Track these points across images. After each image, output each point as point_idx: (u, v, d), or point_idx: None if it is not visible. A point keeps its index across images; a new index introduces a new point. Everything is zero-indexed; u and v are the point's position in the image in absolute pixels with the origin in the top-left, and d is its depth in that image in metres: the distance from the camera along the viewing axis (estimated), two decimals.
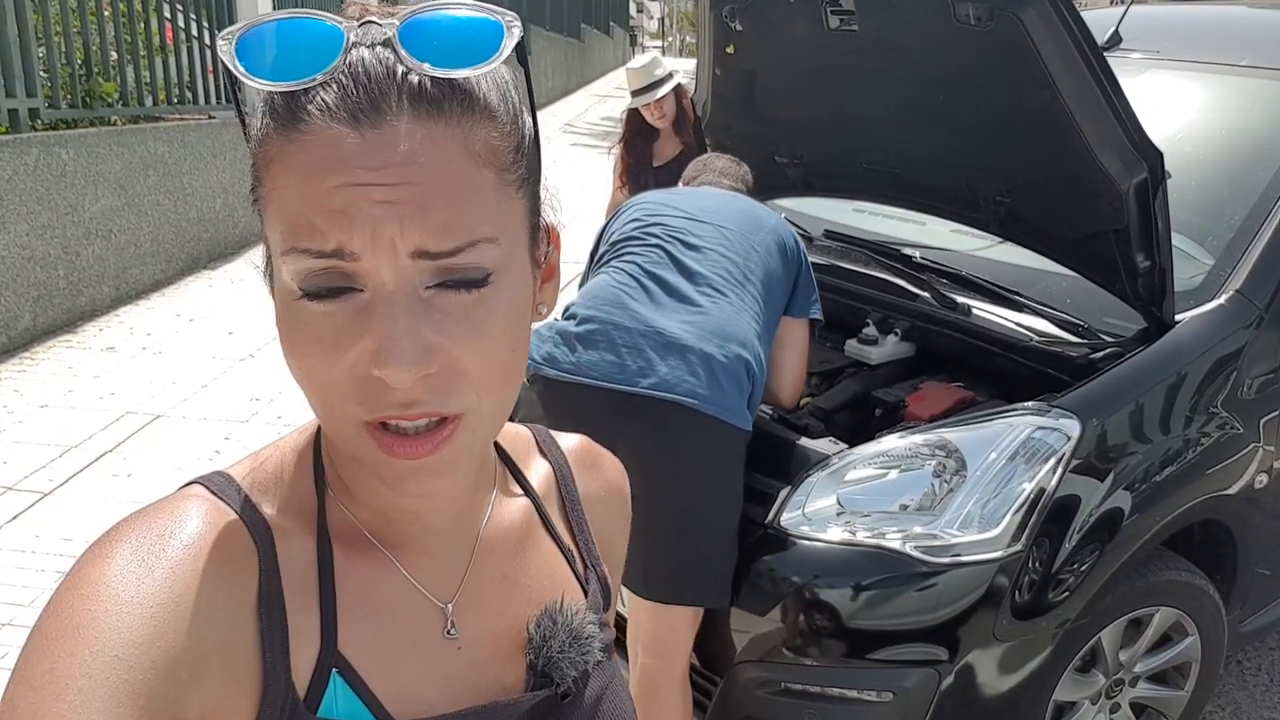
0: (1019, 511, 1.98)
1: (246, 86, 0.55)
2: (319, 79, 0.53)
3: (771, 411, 2.46)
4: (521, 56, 0.57)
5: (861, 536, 2.02)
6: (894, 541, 1.99)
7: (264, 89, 0.54)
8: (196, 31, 6.64)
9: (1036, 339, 2.46)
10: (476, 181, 0.55)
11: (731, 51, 2.96)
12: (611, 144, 4.67)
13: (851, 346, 2.72)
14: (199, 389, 4.54)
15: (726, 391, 2.06)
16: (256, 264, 0.63)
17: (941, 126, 2.61)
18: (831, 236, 3.15)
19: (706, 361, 2.07)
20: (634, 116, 4.33)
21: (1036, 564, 2.00)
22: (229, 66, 0.54)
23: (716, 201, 2.44)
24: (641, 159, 4.33)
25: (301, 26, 0.54)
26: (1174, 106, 2.95)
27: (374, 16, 0.55)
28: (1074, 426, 2.05)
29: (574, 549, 0.76)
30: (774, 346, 2.35)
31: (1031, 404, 2.13)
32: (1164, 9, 3.82)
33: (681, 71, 4.83)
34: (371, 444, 0.56)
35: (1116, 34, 3.14)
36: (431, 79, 0.54)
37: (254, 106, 0.58)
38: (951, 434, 2.12)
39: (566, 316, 2.22)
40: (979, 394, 2.47)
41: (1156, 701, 2.41)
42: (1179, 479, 2.20)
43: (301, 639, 0.60)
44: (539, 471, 0.77)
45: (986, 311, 2.60)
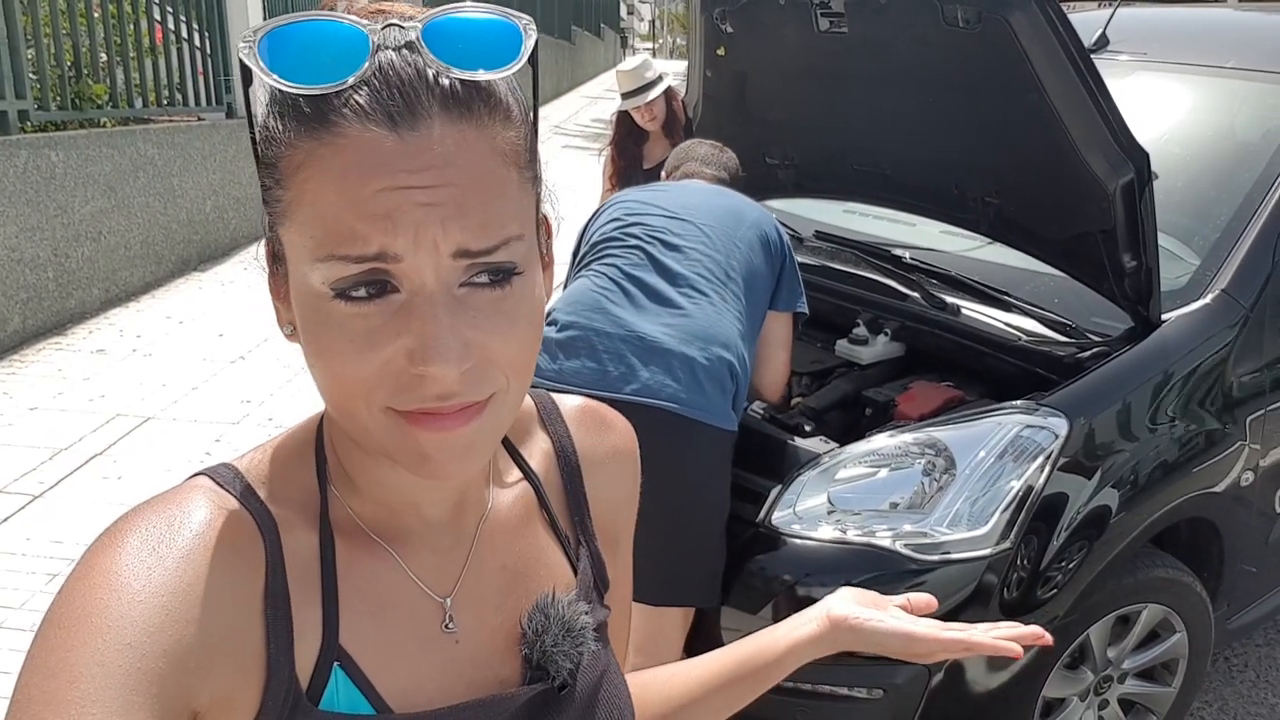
0: (1007, 509, 2.00)
1: (266, 88, 0.55)
2: (350, 81, 0.53)
3: (763, 411, 2.47)
4: (534, 58, 0.59)
5: (852, 535, 2.03)
6: (884, 539, 2.00)
7: (294, 92, 0.53)
8: (186, 33, 6.63)
9: (1025, 338, 2.48)
10: (504, 181, 0.56)
11: (722, 53, 2.97)
12: (602, 146, 4.68)
13: (842, 346, 2.74)
14: (189, 391, 4.53)
15: (709, 394, 2.07)
16: (256, 262, 0.62)
17: (931, 128, 2.62)
18: (822, 237, 3.16)
19: (688, 365, 2.07)
20: (624, 119, 4.34)
21: (1025, 561, 2.01)
22: (254, 69, 0.54)
23: (698, 198, 2.42)
24: (632, 161, 4.33)
25: (326, 29, 0.54)
26: (1161, 108, 2.97)
27: (395, 19, 0.55)
28: (1062, 425, 2.07)
29: (569, 530, 0.76)
30: (759, 341, 2.34)
31: (1020, 403, 2.14)
32: (1151, 11, 3.85)
33: (672, 74, 4.84)
34: (402, 423, 0.56)
35: (1104, 36, 3.16)
36: (460, 81, 0.55)
37: (268, 109, 0.57)
38: (941, 433, 2.14)
39: (548, 322, 2.22)
40: (968, 393, 2.48)
41: (1144, 698, 2.43)
42: (1166, 477, 2.22)
43: (304, 632, 0.61)
44: (539, 449, 0.77)
45: (975, 311, 2.61)
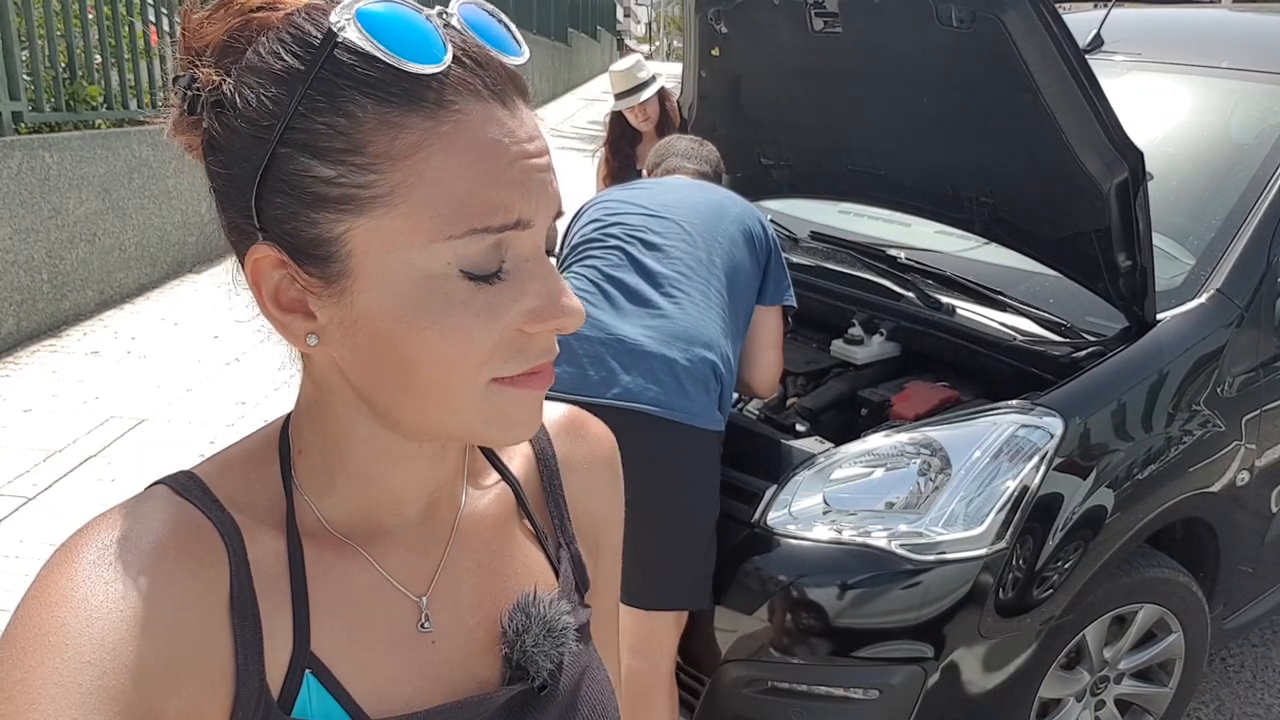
0: (1003, 509, 1.99)
1: (349, 76, 0.53)
2: (448, 61, 0.54)
3: (758, 411, 2.46)
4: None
5: (847, 535, 2.02)
6: (879, 540, 2.00)
7: (416, 71, 0.53)
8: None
9: (1020, 338, 2.48)
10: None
11: (717, 54, 2.97)
12: (596, 147, 4.69)
13: (837, 347, 2.73)
14: (184, 393, 4.52)
15: (692, 396, 2.05)
16: (235, 283, 0.59)
17: (925, 128, 2.62)
18: (817, 238, 3.16)
19: (670, 367, 2.04)
20: (618, 119, 4.34)
21: (1020, 561, 2.01)
22: (368, 50, 0.53)
23: (679, 194, 2.37)
24: (626, 162, 4.34)
25: (400, 12, 0.55)
26: (1156, 108, 2.97)
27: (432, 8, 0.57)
28: (1057, 425, 2.07)
29: (549, 532, 0.75)
30: (749, 336, 2.31)
31: (1015, 402, 2.14)
32: (1145, 12, 3.85)
33: (668, 75, 4.84)
34: (507, 390, 0.58)
35: (1099, 37, 3.16)
36: (509, 62, 0.58)
37: (349, 94, 0.53)
38: (936, 432, 2.13)
39: None
40: (963, 393, 2.48)
41: (1141, 698, 2.43)
42: (1161, 477, 2.22)
43: (274, 639, 0.59)
44: (520, 453, 0.76)
45: (971, 311, 2.61)
